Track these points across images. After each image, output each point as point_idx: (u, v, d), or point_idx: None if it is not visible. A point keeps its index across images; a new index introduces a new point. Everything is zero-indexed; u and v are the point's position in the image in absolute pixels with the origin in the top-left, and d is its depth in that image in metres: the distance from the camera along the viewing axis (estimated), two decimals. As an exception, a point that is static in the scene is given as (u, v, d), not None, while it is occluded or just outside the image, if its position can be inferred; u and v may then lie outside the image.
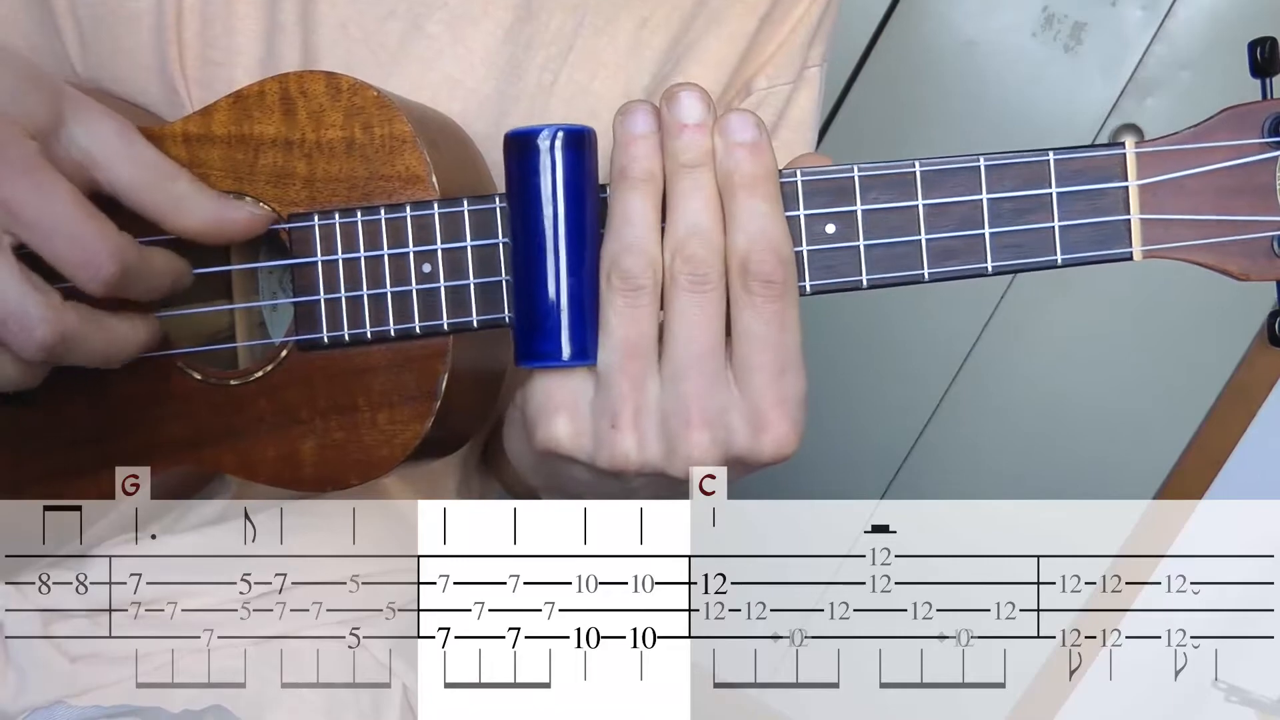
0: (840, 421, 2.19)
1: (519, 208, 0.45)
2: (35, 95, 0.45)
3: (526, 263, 0.45)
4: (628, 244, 0.44)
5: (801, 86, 0.67)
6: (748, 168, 0.45)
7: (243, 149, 0.50)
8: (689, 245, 0.44)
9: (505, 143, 0.45)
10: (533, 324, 0.45)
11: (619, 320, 0.44)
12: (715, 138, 0.45)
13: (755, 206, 0.44)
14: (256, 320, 0.57)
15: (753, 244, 0.44)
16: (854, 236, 0.46)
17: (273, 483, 0.51)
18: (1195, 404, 2.03)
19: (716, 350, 0.45)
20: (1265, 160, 0.45)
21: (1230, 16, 1.92)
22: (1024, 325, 2.08)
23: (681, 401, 0.44)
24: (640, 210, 0.45)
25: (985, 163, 0.46)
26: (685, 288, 0.44)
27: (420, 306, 0.49)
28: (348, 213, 0.49)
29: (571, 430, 0.46)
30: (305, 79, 0.50)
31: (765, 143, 0.45)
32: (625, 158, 0.45)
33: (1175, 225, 0.45)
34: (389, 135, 0.49)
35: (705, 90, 0.45)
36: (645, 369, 0.45)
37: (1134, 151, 0.45)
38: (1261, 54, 0.45)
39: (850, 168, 0.46)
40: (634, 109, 0.45)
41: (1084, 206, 0.45)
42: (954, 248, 0.46)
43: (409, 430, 0.49)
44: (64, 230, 0.44)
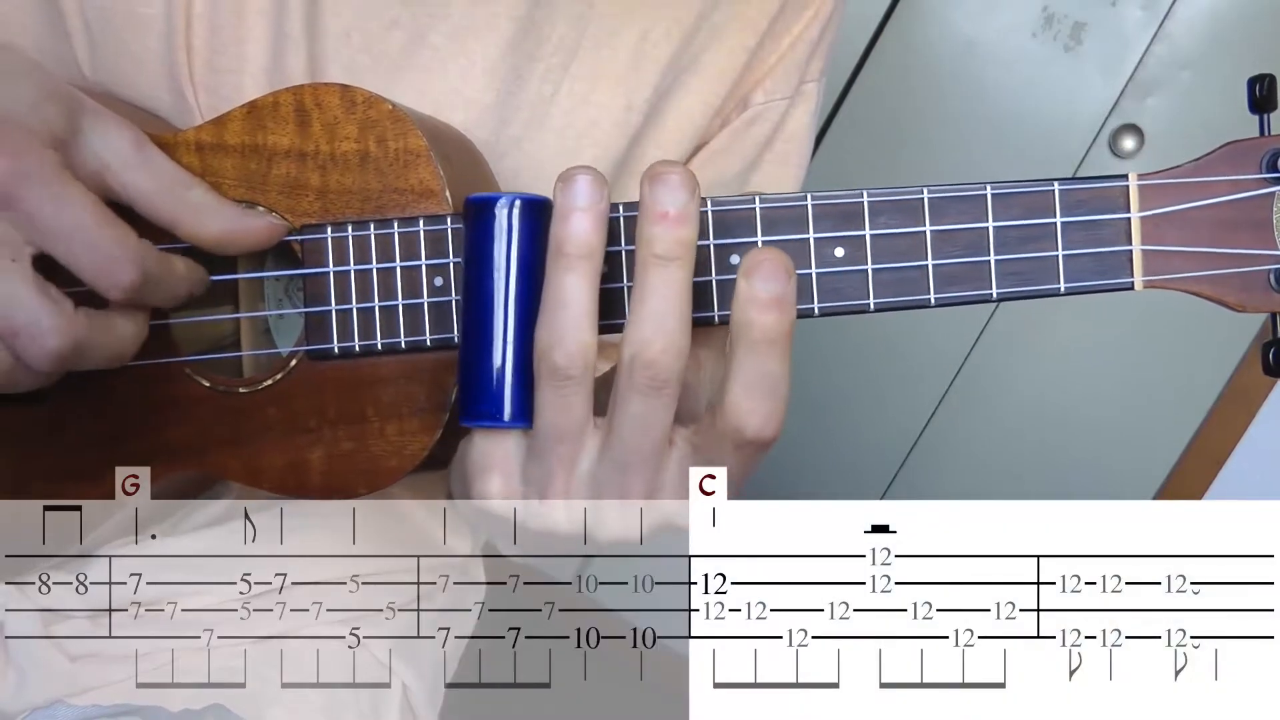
0: (840, 422, 2.19)
1: (472, 271, 0.44)
2: (53, 105, 0.45)
3: (475, 325, 0.44)
4: (558, 335, 0.42)
5: (799, 101, 0.67)
6: (773, 325, 0.40)
7: (256, 159, 0.50)
8: (650, 350, 0.41)
9: (465, 206, 0.45)
10: (476, 383, 0.45)
11: (547, 406, 0.43)
12: (740, 281, 0.41)
13: (770, 368, 0.41)
14: (262, 328, 0.57)
15: (756, 408, 0.41)
16: (862, 260, 0.46)
17: (279, 490, 0.51)
18: (1195, 404, 2.03)
19: (663, 445, 0.43)
20: (1263, 195, 0.46)
21: (1230, 16, 1.92)
22: (1024, 325, 2.08)
23: (621, 489, 0.44)
24: (575, 293, 0.42)
25: (992, 191, 0.46)
26: (641, 390, 0.42)
27: (431, 319, 0.49)
28: (361, 224, 0.49)
29: (502, 490, 0.45)
30: (320, 91, 0.50)
31: (793, 293, 0.41)
32: (562, 233, 0.42)
33: (1175, 257, 0.46)
34: (403, 149, 0.49)
35: (691, 173, 0.42)
36: (575, 449, 0.44)
37: (1137, 184, 0.46)
38: (1260, 90, 0.46)
39: (860, 193, 0.46)
40: (575, 176, 0.42)
41: (1087, 236, 0.46)
42: (959, 273, 0.46)
43: (417, 442, 0.50)
44: (84, 238, 0.44)
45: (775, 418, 0.41)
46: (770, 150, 0.67)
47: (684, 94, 0.63)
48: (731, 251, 0.46)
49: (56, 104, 0.45)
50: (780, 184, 0.68)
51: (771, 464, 1.82)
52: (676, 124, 0.64)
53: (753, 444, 0.42)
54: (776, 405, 0.41)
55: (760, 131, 0.66)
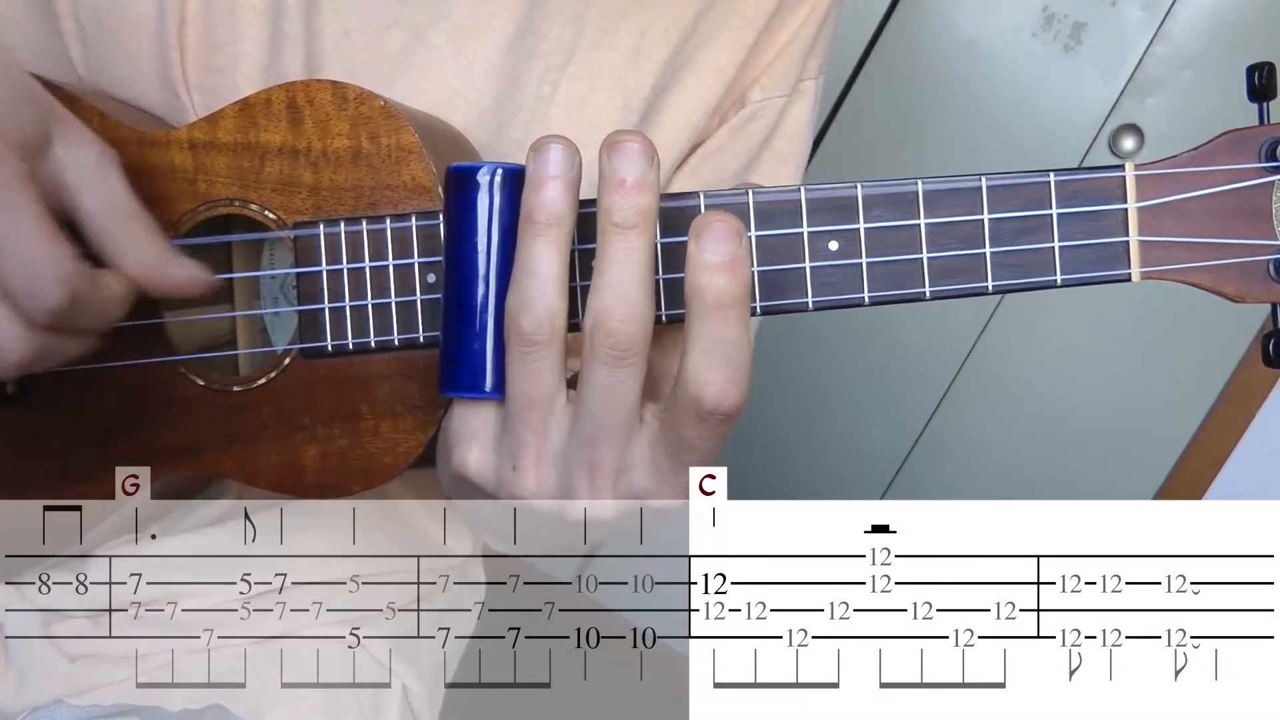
0: (840, 422, 2.19)
1: (453, 240, 0.44)
2: (27, 109, 0.45)
3: (456, 295, 0.44)
4: (525, 300, 0.42)
5: (796, 99, 0.67)
6: (726, 288, 0.40)
7: (249, 156, 0.50)
8: (611, 319, 0.41)
9: (446, 175, 0.45)
10: (457, 353, 0.44)
11: (517, 374, 0.43)
12: (690, 246, 0.40)
13: (726, 333, 0.40)
14: (259, 326, 0.57)
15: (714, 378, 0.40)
16: (857, 254, 0.46)
17: (274, 489, 0.51)
18: (1195, 404, 2.03)
19: (630, 417, 0.43)
20: (1262, 185, 0.45)
21: (1230, 16, 1.92)
22: (1024, 325, 2.08)
23: (588, 463, 0.44)
24: (544, 260, 0.42)
25: (987, 183, 0.46)
26: (604, 360, 0.41)
27: (424, 316, 0.49)
28: (353, 222, 0.49)
29: (479, 461, 0.46)
30: (312, 88, 0.50)
31: (746, 257, 0.40)
32: (533, 200, 0.42)
33: (1173, 247, 0.46)
34: (395, 145, 0.49)
35: (650, 142, 0.41)
36: (544, 418, 0.44)
37: (1133, 174, 0.46)
38: (1259, 79, 0.45)
39: (853, 185, 0.46)
40: (546, 145, 0.42)
41: (1084, 228, 0.46)
42: (955, 266, 0.46)
43: (412, 439, 0.50)
44: (15, 250, 0.42)
45: (734, 386, 0.40)
46: (768, 148, 0.67)
47: (681, 92, 0.63)
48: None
49: (32, 110, 0.45)
50: (778, 182, 0.67)
51: (772, 464, 1.83)
52: (674, 122, 0.64)
53: (713, 414, 0.40)
54: (734, 373, 0.40)
55: (758, 129, 0.66)
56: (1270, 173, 0.45)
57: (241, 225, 0.52)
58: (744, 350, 0.41)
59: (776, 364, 2.12)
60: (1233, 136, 0.46)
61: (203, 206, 0.50)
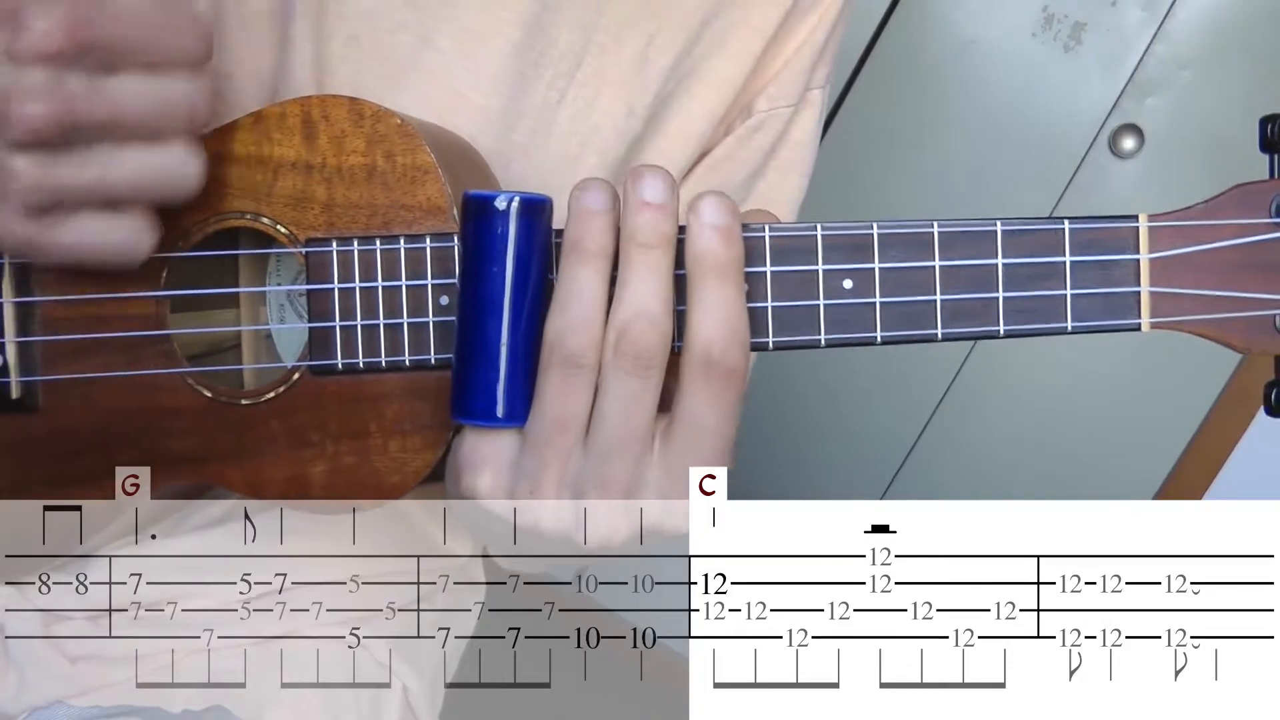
0: (840, 422, 2.19)
1: (470, 268, 0.45)
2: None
3: (471, 322, 0.45)
4: (574, 322, 0.43)
5: (803, 108, 0.67)
6: (721, 252, 0.43)
7: (262, 170, 0.50)
8: (635, 328, 0.43)
9: (463, 202, 0.45)
10: (470, 381, 0.45)
11: (554, 395, 0.44)
12: (689, 218, 0.44)
13: (726, 293, 0.44)
14: (263, 335, 0.57)
15: (718, 332, 0.43)
16: (871, 293, 0.46)
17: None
18: (1195, 404, 2.03)
19: (646, 432, 0.44)
20: (1272, 240, 0.46)
21: (1230, 16, 1.92)
22: (1024, 325, 2.08)
23: (602, 479, 0.45)
24: (590, 286, 0.44)
25: (1002, 227, 0.46)
26: (626, 370, 0.43)
27: (436, 338, 0.49)
28: (367, 241, 0.49)
29: (491, 487, 0.46)
30: (328, 103, 0.50)
31: (739, 230, 0.44)
32: (579, 231, 0.44)
33: (1183, 299, 0.46)
34: (411, 165, 0.49)
35: (670, 173, 0.44)
36: (572, 443, 0.45)
37: (1147, 225, 0.46)
38: (1272, 131, 0.46)
39: (869, 225, 0.46)
40: (591, 185, 0.44)
41: (1096, 276, 0.46)
42: (968, 309, 0.46)
43: (420, 459, 0.50)
44: (157, 30, 0.43)
45: (736, 342, 0.43)
46: (775, 158, 0.67)
47: (687, 99, 0.63)
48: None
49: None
50: (785, 192, 0.68)
51: (772, 464, 1.83)
52: (679, 130, 0.64)
53: (719, 366, 0.43)
54: (736, 331, 0.43)
55: (764, 139, 0.66)
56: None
57: (252, 239, 0.52)
58: (742, 316, 0.44)
59: (777, 364, 2.12)
60: (1244, 190, 0.46)
61: (213, 218, 0.50)
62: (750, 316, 0.45)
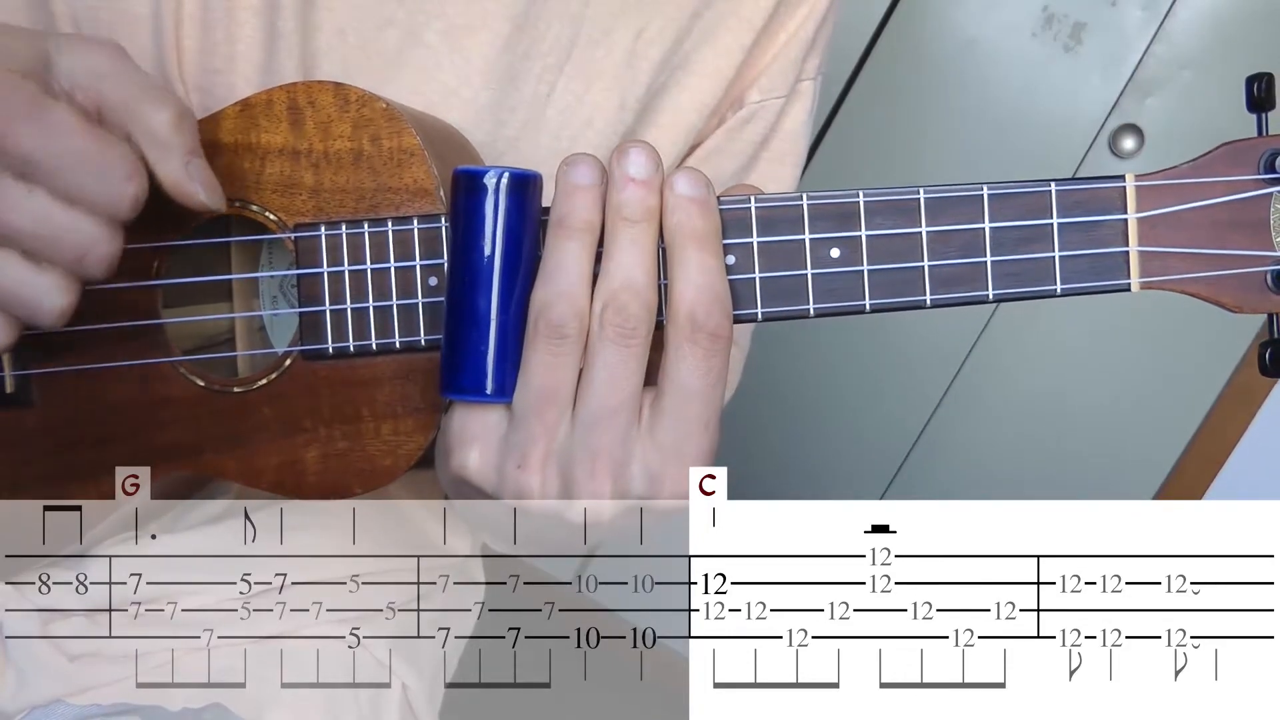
0: (840, 422, 2.19)
1: (458, 243, 0.45)
2: (16, 41, 0.45)
3: (460, 298, 0.45)
4: (559, 292, 0.44)
5: (794, 100, 0.67)
6: (698, 222, 0.45)
7: (249, 157, 0.50)
8: (621, 297, 0.44)
9: (453, 178, 0.45)
10: (459, 357, 0.45)
11: (540, 366, 0.44)
12: (665, 193, 0.45)
13: (705, 260, 0.44)
14: (257, 325, 0.57)
15: (700, 297, 0.44)
16: (858, 261, 0.46)
17: (275, 490, 0.51)
18: (1195, 404, 2.03)
19: (632, 403, 0.45)
20: (1260, 196, 0.46)
21: (1230, 16, 1.92)
22: (1024, 325, 2.08)
23: (589, 451, 0.45)
24: (575, 259, 0.44)
25: (988, 191, 0.46)
26: (611, 339, 0.44)
27: (425, 319, 0.49)
28: (355, 224, 0.49)
29: (480, 463, 0.46)
30: (314, 89, 0.50)
31: (714, 202, 0.45)
32: (566, 206, 0.45)
33: (1172, 258, 0.46)
34: (397, 148, 0.49)
35: (656, 150, 0.45)
36: (559, 415, 0.45)
37: (1134, 185, 0.46)
38: (1258, 90, 0.46)
39: (855, 193, 0.46)
40: (579, 160, 0.45)
41: (1084, 237, 0.46)
42: (956, 275, 0.46)
43: (413, 441, 0.50)
44: (84, 163, 0.43)
45: (718, 306, 0.44)
46: (766, 149, 0.67)
47: (678, 91, 0.63)
48: (727, 252, 0.47)
49: (19, 39, 0.45)
50: (777, 183, 0.68)
51: (772, 464, 1.84)
52: (671, 122, 0.64)
53: (703, 330, 0.44)
54: (718, 295, 0.44)
55: (756, 130, 0.66)
56: (1269, 184, 0.46)
57: (242, 226, 0.52)
58: (723, 284, 0.45)
59: (776, 363, 2.12)
60: (1232, 148, 0.46)
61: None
62: (738, 288, 0.46)
